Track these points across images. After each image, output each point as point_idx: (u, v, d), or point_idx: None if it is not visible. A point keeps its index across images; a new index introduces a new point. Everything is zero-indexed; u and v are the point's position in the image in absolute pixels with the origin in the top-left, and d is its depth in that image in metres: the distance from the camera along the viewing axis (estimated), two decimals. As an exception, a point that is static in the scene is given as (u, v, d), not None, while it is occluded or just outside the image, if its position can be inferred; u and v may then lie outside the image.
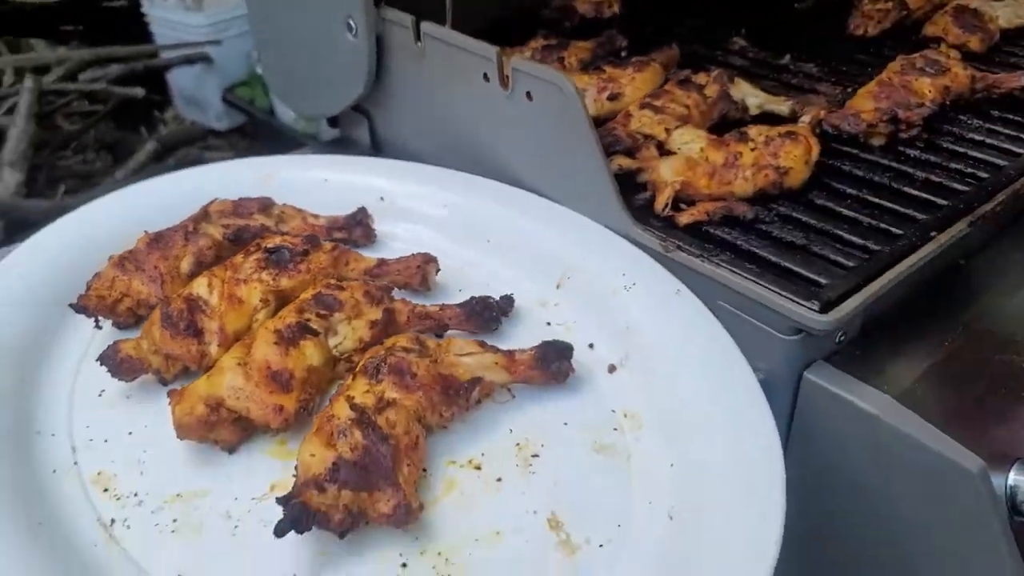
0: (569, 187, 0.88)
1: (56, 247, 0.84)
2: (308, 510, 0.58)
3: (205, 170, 0.97)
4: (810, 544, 0.73)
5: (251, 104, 3.41)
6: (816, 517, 0.77)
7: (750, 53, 1.17)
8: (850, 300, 0.73)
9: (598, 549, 0.62)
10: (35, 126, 2.73)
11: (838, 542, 0.79)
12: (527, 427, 0.71)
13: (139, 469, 0.67)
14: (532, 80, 0.85)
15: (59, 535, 0.61)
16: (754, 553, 0.57)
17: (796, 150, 0.86)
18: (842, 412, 0.74)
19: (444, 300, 0.82)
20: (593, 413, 0.72)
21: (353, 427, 0.63)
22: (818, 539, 0.79)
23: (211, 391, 0.67)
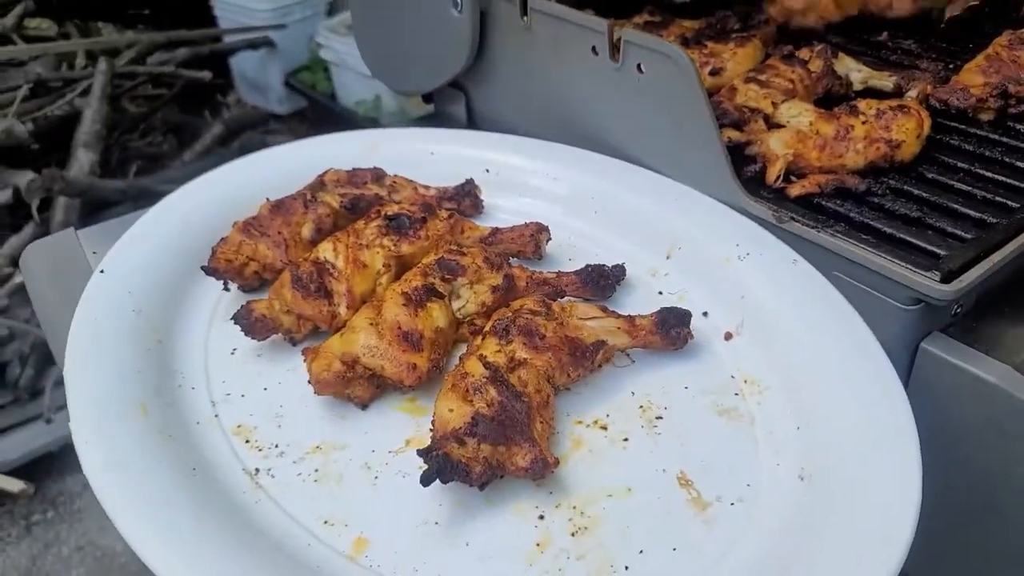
0: (678, 159, 0.89)
1: (181, 213, 0.87)
2: (451, 461, 0.61)
3: (315, 142, 1.00)
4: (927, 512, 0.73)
5: (312, 88, 3.46)
6: (933, 486, 0.77)
7: (845, 30, 1.17)
8: (971, 271, 0.74)
9: (729, 507, 0.63)
10: (108, 107, 2.79)
11: (955, 511, 0.79)
12: (649, 390, 0.73)
13: (277, 423, 0.70)
14: (644, 52, 0.86)
15: (211, 481, 0.64)
16: (895, 515, 0.58)
17: (908, 123, 0.86)
18: (959, 382, 0.74)
19: (556, 269, 0.84)
20: (712, 378, 0.74)
21: (488, 384, 0.65)
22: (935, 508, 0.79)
23: (346, 349, 0.70)
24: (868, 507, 0.58)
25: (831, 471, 0.63)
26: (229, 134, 3.27)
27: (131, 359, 0.71)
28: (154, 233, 0.84)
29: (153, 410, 0.67)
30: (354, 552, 0.60)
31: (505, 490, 0.64)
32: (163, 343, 0.76)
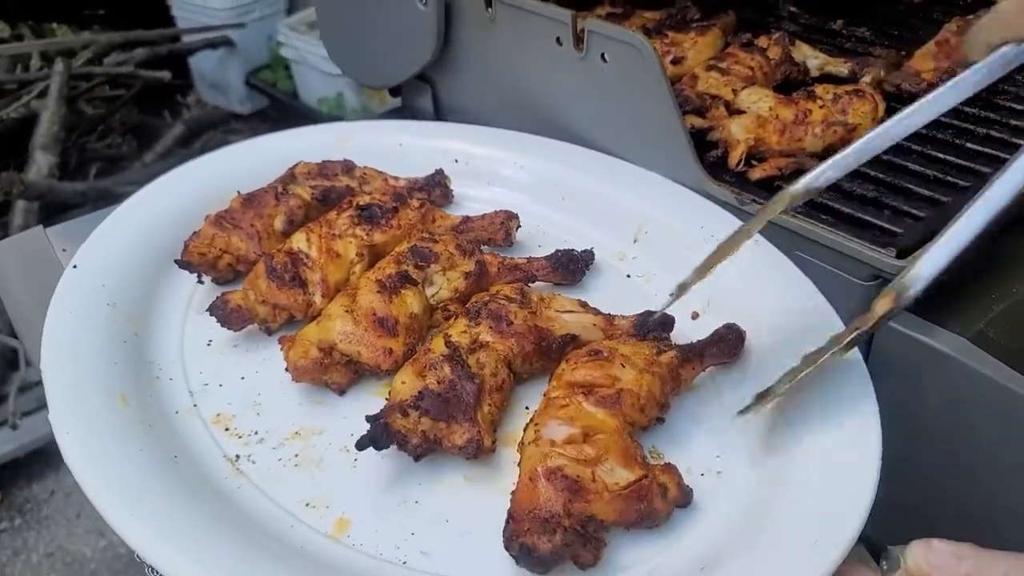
0: (642, 146, 0.91)
1: (153, 208, 0.87)
2: (389, 430, 0.63)
3: (284, 135, 1.00)
4: (886, 484, 0.76)
5: (274, 87, 3.44)
6: (892, 458, 0.80)
7: (802, 19, 1.20)
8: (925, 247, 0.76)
9: (699, 478, 0.66)
10: (66, 109, 2.76)
11: (914, 482, 0.82)
12: (619, 369, 0.74)
13: (255, 410, 0.71)
14: (607, 41, 0.88)
15: (192, 468, 0.65)
16: (856, 476, 0.60)
17: (864, 107, 0.89)
18: (917, 354, 0.77)
19: (526, 255, 0.86)
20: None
21: (444, 362, 0.67)
22: (894, 480, 0.82)
23: (323, 336, 0.71)
24: (830, 475, 0.61)
25: (795, 443, 0.65)
26: (190, 135, 3.25)
27: (108, 351, 0.72)
28: (126, 228, 0.84)
29: (132, 401, 0.68)
30: (336, 532, 0.61)
31: (485, 468, 0.66)
32: (139, 335, 0.76)
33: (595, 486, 0.59)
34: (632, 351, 0.69)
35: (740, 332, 0.73)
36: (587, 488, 0.59)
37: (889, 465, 0.67)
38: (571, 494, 0.58)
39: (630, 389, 0.65)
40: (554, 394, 0.66)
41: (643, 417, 0.66)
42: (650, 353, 0.69)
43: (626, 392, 0.65)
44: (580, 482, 0.59)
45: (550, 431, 0.62)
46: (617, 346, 0.69)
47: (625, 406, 0.64)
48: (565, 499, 0.58)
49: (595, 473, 0.60)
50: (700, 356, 0.71)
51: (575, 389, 0.65)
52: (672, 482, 0.62)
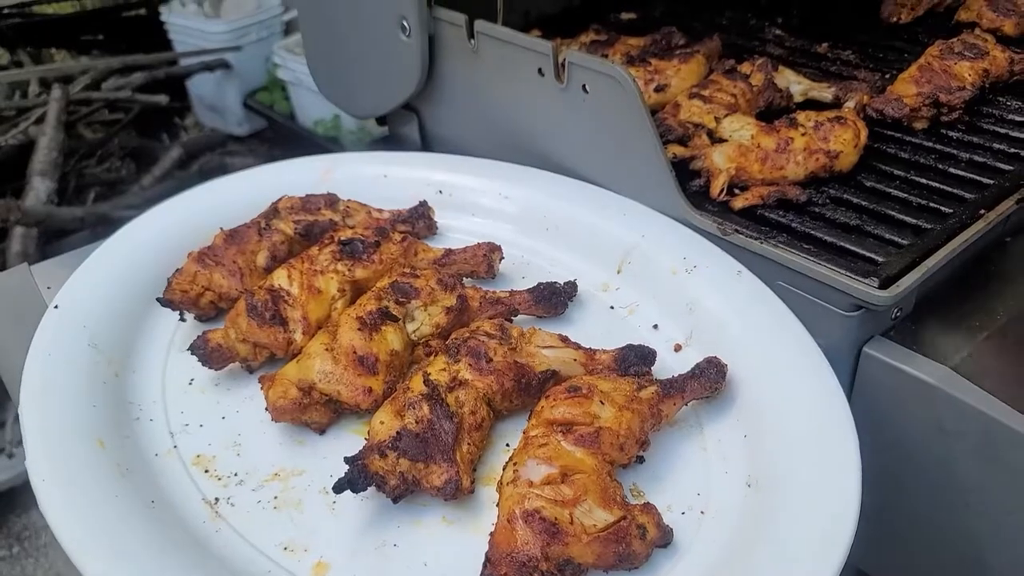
0: (625, 176, 0.91)
1: (134, 245, 0.87)
2: (367, 472, 0.62)
3: (268, 169, 1.01)
4: (871, 512, 0.76)
5: (271, 109, 3.45)
6: (877, 486, 0.80)
7: (788, 42, 1.20)
8: (907, 276, 0.76)
9: (679, 516, 0.65)
10: (64, 135, 2.77)
11: (899, 510, 0.81)
12: (601, 404, 0.74)
13: (236, 451, 0.71)
14: (588, 73, 0.88)
15: (170, 513, 0.64)
16: (836, 515, 0.60)
17: (846, 134, 0.89)
18: (901, 384, 0.77)
19: (509, 287, 0.85)
20: (663, 390, 0.75)
21: (423, 401, 0.67)
22: (880, 507, 0.82)
23: (302, 375, 0.71)
24: (812, 511, 0.60)
25: (777, 478, 0.65)
26: (188, 157, 3.25)
27: (87, 393, 0.72)
28: (107, 266, 0.84)
29: (111, 444, 0.68)
30: (314, 577, 0.61)
31: (464, 509, 0.66)
32: (119, 376, 0.76)
33: (573, 528, 0.59)
34: (612, 387, 0.68)
35: (722, 366, 0.72)
36: (565, 530, 0.58)
37: (874, 494, 0.66)
38: (549, 537, 0.58)
39: (609, 427, 0.65)
40: (533, 432, 0.65)
41: (622, 455, 0.65)
42: (630, 389, 0.69)
43: (605, 430, 0.64)
44: (558, 524, 0.58)
45: (528, 471, 0.62)
46: (597, 382, 0.69)
47: (604, 444, 0.64)
48: (543, 542, 0.58)
49: (573, 515, 0.59)
50: (681, 391, 0.71)
51: (554, 427, 0.65)
52: (651, 522, 0.61)
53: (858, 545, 0.61)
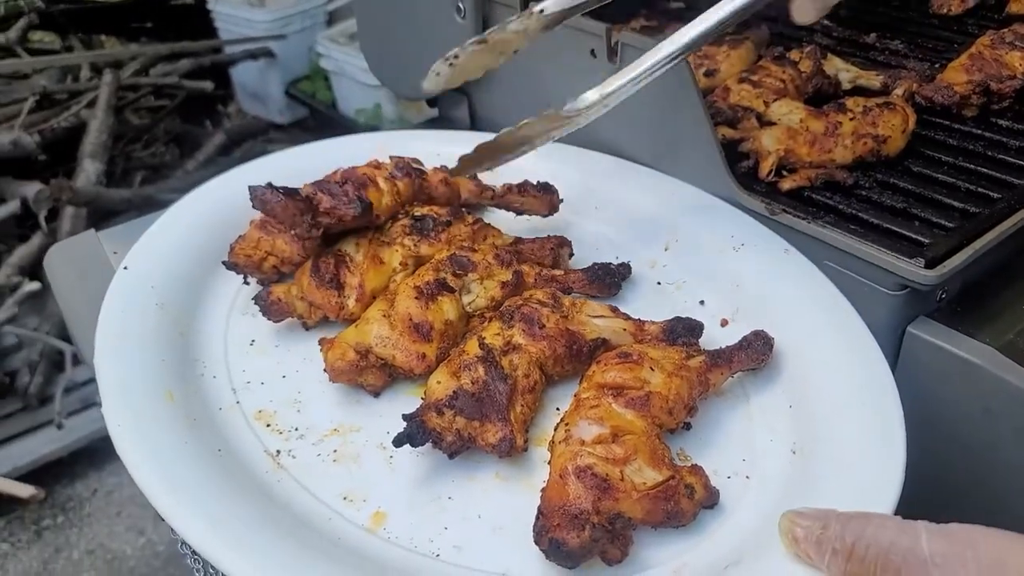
0: (675, 156, 0.93)
1: (200, 211, 0.91)
2: (425, 428, 0.65)
3: (325, 144, 1.04)
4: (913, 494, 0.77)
5: (312, 98, 3.51)
6: (920, 467, 0.81)
7: (836, 32, 1.21)
8: (954, 257, 0.77)
9: (726, 480, 0.67)
10: (113, 118, 2.84)
11: (943, 489, 0.82)
12: (649, 374, 0.76)
13: (296, 408, 0.74)
14: (640, 54, 0.90)
15: (235, 462, 0.67)
16: (879, 487, 0.62)
17: (894, 119, 0.90)
18: (945, 364, 0.78)
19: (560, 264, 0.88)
20: (709, 362, 0.77)
21: (478, 363, 0.69)
22: (923, 490, 0.83)
23: (360, 339, 0.74)
24: (854, 480, 0.62)
25: (821, 446, 0.66)
26: (230, 143, 3.32)
27: (155, 350, 0.75)
28: (174, 231, 0.88)
29: (179, 396, 0.71)
30: (373, 525, 0.64)
31: (516, 467, 0.68)
32: (185, 335, 0.79)
33: (623, 485, 0.61)
34: (661, 355, 0.70)
35: (768, 339, 0.74)
36: (615, 487, 0.60)
37: (917, 474, 0.68)
38: (600, 492, 0.60)
39: (659, 392, 0.67)
40: (584, 395, 0.68)
41: (671, 419, 0.67)
42: (679, 357, 0.71)
43: (655, 395, 0.66)
44: (609, 480, 0.60)
45: (580, 430, 0.64)
46: (647, 350, 0.71)
47: (654, 408, 0.66)
48: (594, 496, 0.60)
49: (623, 472, 0.61)
50: (729, 361, 0.72)
51: (605, 390, 0.67)
52: (699, 483, 0.63)
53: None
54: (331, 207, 0.80)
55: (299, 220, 0.77)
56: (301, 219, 0.77)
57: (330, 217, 0.80)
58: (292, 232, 0.78)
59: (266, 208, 0.77)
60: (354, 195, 0.81)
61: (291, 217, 0.77)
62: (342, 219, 0.80)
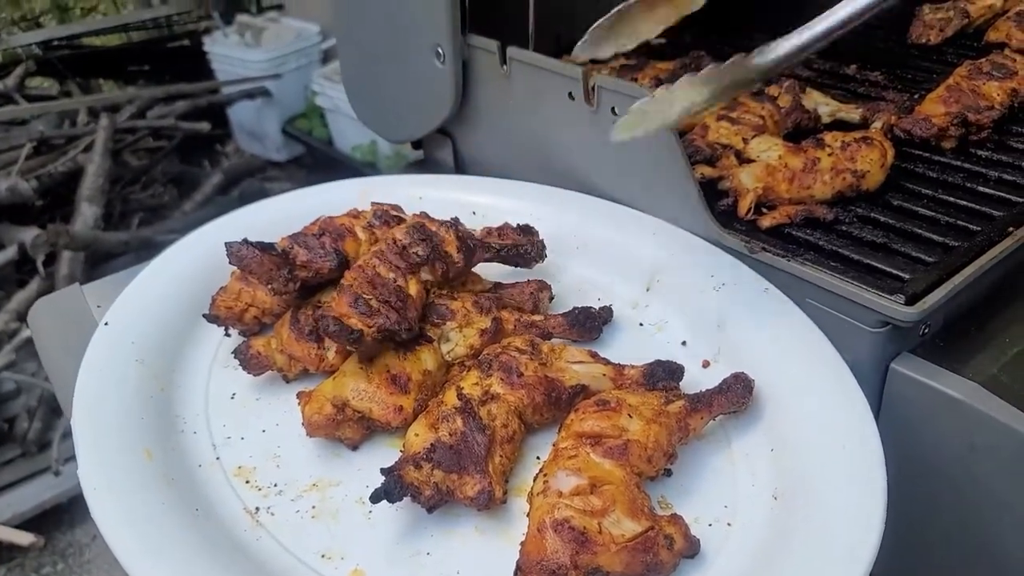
0: (654, 196, 0.93)
1: (181, 265, 0.91)
2: (402, 483, 0.64)
3: (309, 191, 1.04)
4: (898, 530, 0.76)
5: (309, 135, 3.53)
6: (905, 503, 0.80)
7: (816, 64, 1.22)
8: (934, 292, 0.77)
9: (707, 528, 0.66)
10: (110, 162, 2.86)
11: (929, 527, 0.82)
12: (630, 419, 0.76)
13: (275, 463, 0.73)
14: (617, 96, 0.90)
15: (213, 521, 0.67)
16: (860, 527, 0.61)
17: (872, 154, 0.90)
18: (929, 400, 0.77)
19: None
20: (691, 405, 0.77)
21: (456, 414, 0.69)
22: (907, 525, 0.82)
23: (337, 392, 0.73)
24: (835, 525, 0.61)
25: (802, 491, 0.66)
26: (228, 183, 3.34)
27: (135, 407, 0.75)
28: (154, 285, 0.88)
29: (158, 455, 0.70)
30: (351, 584, 0.63)
31: (496, 519, 0.68)
32: (165, 391, 0.79)
33: (601, 538, 0.60)
34: (640, 401, 0.70)
35: (748, 381, 0.74)
36: (593, 540, 0.60)
37: (903, 511, 0.67)
38: (578, 546, 0.59)
39: (637, 440, 0.66)
40: (562, 444, 0.67)
41: (650, 467, 0.67)
42: (658, 403, 0.70)
43: (633, 443, 0.66)
44: (587, 533, 0.60)
45: (558, 482, 0.63)
46: (625, 396, 0.70)
47: (632, 456, 0.65)
48: (572, 551, 0.59)
49: (601, 524, 0.61)
50: (708, 405, 0.72)
51: (583, 439, 0.67)
52: (679, 533, 0.62)
53: (885, 561, 0.62)
54: (307, 260, 0.80)
55: (276, 275, 0.77)
56: (278, 274, 0.77)
57: (307, 271, 0.80)
58: (269, 287, 0.78)
59: (242, 264, 0.77)
60: (331, 248, 0.81)
61: (267, 272, 0.77)
62: (319, 272, 0.80)
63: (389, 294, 0.78)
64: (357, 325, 0.75)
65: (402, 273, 0.80)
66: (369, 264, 0.80)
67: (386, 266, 0.80)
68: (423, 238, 0.82)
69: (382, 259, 0.80)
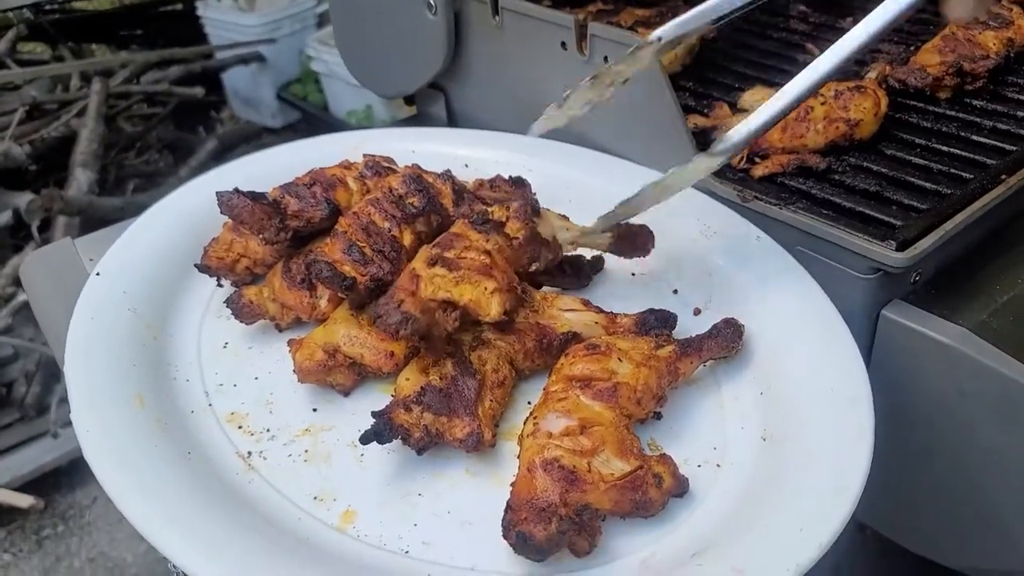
0: (646, 146, 0.93)
1: (173, 216, 0.90)
2: (392, 425, 0.65)
3: (299, 144, 1.04)
4: (889, 477, 0.77)
5: (304, 101, 3.51)
6: (896, 449, 0.81)
7: (812, 18, 1.21)
8: (926, 239, 0.77)
9: (696, 469, 0.67)
10: (104, 127, 2.84)
11: (916, 473, 0.82)
12: (621, 365, 0.76)
13: (268, 409, 0.74)
14: (610, 45, 0.90)
15: (205, 465, 0.67)
16: (847, 465, 0.61)
17: (865, 103, 0.90)
18: (919, 346, 0.77)
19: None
20: (682, 351, 0.77)
21: (447, 359, 0.69)
22: (897, 470, 0.83)
23: (328, 339, 0.74)
24: (822, 464, 0.62)
25: (790, 433, 0.66)
26: (223, 149, 3.32)
27: (127, 354, 0.75)
28: (148, 236, 0.87)
29: (150, 400, 0.71)
30: (342, 523, 0.64)
31: (486, 462, 0.68)
32: (158, 339, 0.79)
33: (591, 476, 0.61)
34: (630, 346, 0.70)
35: (739, 326, 0.74)
36: (583, 478, 0.60)
37: (891, 454, 0.67)
38: (567, 484, 0.60)
39: (626, 382, 0.67)
40: (553, 388, 0.67)
41: (640, 410, 0.67)
42: (648, 348, 0.70)
43: (622, 385, 0.66)
44: (576, 472, 0.60)
45: (548, 423, 0.64)
46: (615, 341, 0.70)
47: (622, 399, 0.66)
48: (561, 489, 0.60)
49: (591, 464, 0.61)
50: (699, 350, 0.72)
51: (573, 383, 0.67)
52: (667, 472, 0.63)
53: (876, 505, 0.62)
54: (298, 210, 0.79)
55: (267, 224, 0.77)
56: (269, 223, 0.77)
57: (298, 220, 0.79)
58: (260, 236, 0.78)
59: (233, 213, 0.77)
60: (322, 197, 0.81)
61: (258, 221, 0.77)
62: (310, 221, 0.80)
63: (384, 243, 0.78)
64: (350, 272, 0.75)
65: (397, 223, 0.80)
66: (365, 212, 0.79)
67: (382, 215, 0.80)
68: (419, 188, 0.81)
69: (378, 207, 0.80)
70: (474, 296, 0.70)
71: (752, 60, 1.11)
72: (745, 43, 1.15)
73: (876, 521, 0.87)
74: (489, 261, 0.73)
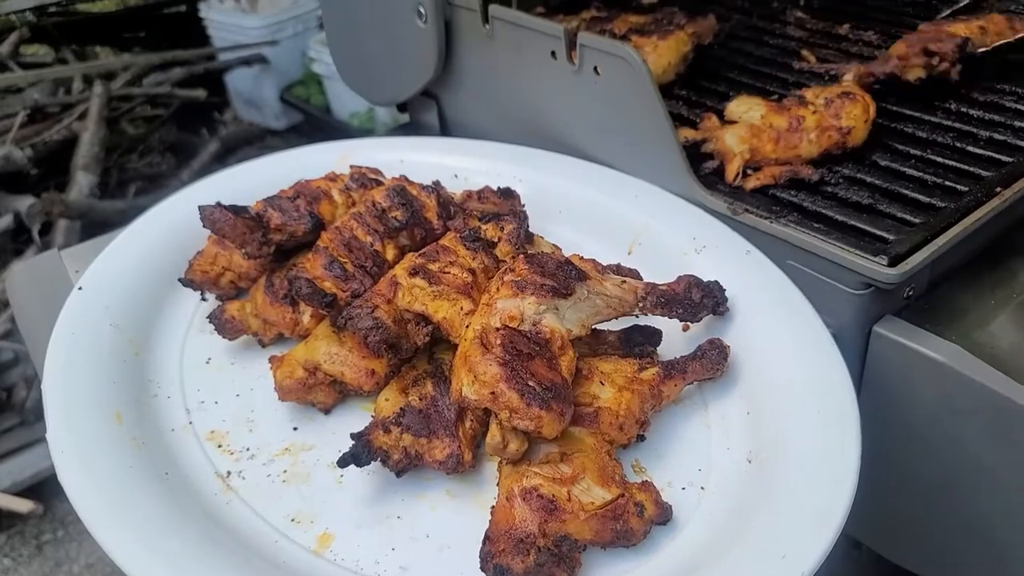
0: (637, 157, 0.91)
1: (157, 229, 0.90)
2: (371, 447, 0.64)
3: (289, 154, 1.02)
4: (879, 492, 0.76)
5: (307, 103, 3.50)
6: (887, 465, 0.79)
7: (809, 24, 1.19)
8: (917, 254, 0.76)
9: (680, 492, 0.66)
10: (105, 130, 2.83)
11: (911, 488, 0.81)
12: (607, 382, 0.75)
13: (248, 427, 0.73)
14: (599, 55, 0.88)
15: (182, 485, 0.66)
16: (833, 489, 0.60)
17: (855, 109, 0.88)
18: (911, 362, 0.76)
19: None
20: (670, 368, 0.76)
21: (427, 379, 0.68)
22: (888, 487, 0.82)
23: (309, 356, 0.73)
24: (807, 487, 0.61)
25: (776, 454, 0.65)
26: (226, 151, 3.31)
27: (108, 371, 0.74)
28: (131, 250, 0.87)
29: (128, 418, 0.70)
30: (319, 547, 0.63)
31: (467, 483, 0.67)
32: (139, 355, 0.78)
33: (571, 505, 0.59)
34: (612, 368, 0.69)
35: (724, 348, 0.72)
36: (562, 508, 0.59)
37: (883, 470, 0.66)
38: (546, 514, 0.59)
39: (608, 407, 0.65)
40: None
41: (622, 435, 0.66)
42: (631, 370, 0.69)
43: (604, 410, 0.65)
44: (556, 501, 0.59)
45: (528, 450, 0.63)
46: (597, 363, 0.69)
47: (603, 424, 0.65)
48: (540, 519, 0.58)
49: (571, 492, 0.60)
50: (683, 372, 0.71)
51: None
52: (649, 500, 0.62)
53: (867, 522, 0.61)
54: (281, 223, 0.78)
55: (249, 238, 0.76)
56: (251, 237, 0.76)
57: (281, 233, 0.78)
58: (243, 251, 0.77)
59: (215, 227, 0.76)
60: (305, 210, 0.80)
61: (240, 235, 0.76)
62: (293, 235, 0.79)
63: (365, 259, 0.77)
64: (331, 289, 0.74)
65: (380, 237, 0.79)
66: (347, 226, 0.78)
67: (364, 229, 0.79)
68: (403, 202, 0.80)
69: (360, 222, 0.79)
70: (449, 315, 0.69)
71: (748, 67, 1.10)
72: (741, 50, 1.14)
73: (868, 537, 0.86)
74: (471, 280, 0.72)
